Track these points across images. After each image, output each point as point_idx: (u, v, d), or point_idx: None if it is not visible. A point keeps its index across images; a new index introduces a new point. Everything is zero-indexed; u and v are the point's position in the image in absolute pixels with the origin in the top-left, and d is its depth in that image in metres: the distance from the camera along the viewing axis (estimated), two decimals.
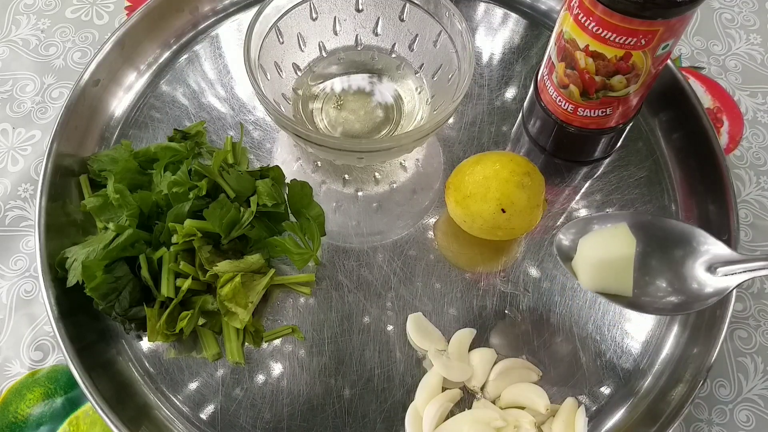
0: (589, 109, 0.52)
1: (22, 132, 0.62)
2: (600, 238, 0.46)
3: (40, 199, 0.53)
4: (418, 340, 0.51)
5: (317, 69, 0.61)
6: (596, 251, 0.46)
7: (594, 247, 0.46)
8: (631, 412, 0.51)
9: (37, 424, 0.51)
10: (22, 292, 0.56)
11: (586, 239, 0.47)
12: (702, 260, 0.47)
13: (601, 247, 0.46)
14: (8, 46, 0.67)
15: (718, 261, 0.46)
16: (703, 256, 0.47)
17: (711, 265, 0.46)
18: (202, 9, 0.66)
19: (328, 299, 0.54)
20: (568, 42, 0.49)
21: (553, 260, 0.56)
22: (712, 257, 0.46)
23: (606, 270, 0.46)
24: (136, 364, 0.52)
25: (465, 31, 0.54)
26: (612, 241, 0.46)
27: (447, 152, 0.60)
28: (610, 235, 0.46)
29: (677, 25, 0.45)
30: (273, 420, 0.50)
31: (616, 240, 0.46)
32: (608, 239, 0.46)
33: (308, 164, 0.60)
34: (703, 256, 0.47)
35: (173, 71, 0.63)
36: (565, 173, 0.59)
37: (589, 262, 0.46)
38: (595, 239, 0.47)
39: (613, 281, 0.46)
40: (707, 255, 0.47)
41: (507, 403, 0.50)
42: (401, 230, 0.57)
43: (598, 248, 0.46)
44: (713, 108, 0.66)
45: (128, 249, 0.51)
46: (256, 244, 0.54)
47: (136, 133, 0.60)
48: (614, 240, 0.46)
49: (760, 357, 0.55)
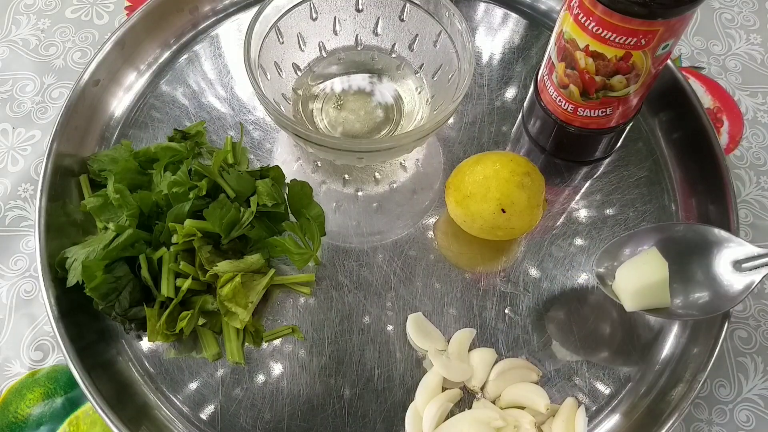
0: (589, 109, 0.52)
1: (22, 132, 0.62)
2: (635, 267, 0.50)
3: (40, 199, 0.53)
4: (418, 340, 0.51)
5: (317, 69, 0.61)
6: (634, 280, 0.49)
7: (631, 277, 0.49)
8: (631, 412, 0.51)
9: (37, 424, 0.51)
10: (22, 292, 0.56)
11: (623, 269, 0.50)
12: (727, 259, 0.49)
13: (637, 275, 0.49)
14: (8, 46, 0.67)
15: (742, 258, 0.49)
16: (728, 256, 0.50)
17: (736, 262, 0.49)
18: (202, 9, 0.66)
19: (328, 299, 0.54)
20: (568, 42, 0.49)
21: (553, 260, 0.56)
22: (736, 255, 0.49)
23: (645, 294, 0.49)
24: (136, 364, 0.52)
25: (465, 31, 0.54)
26: (646, 268, 0.49)
27: (447, 152, 0.60)
28: (643, 263, 0.50)
29: (677, 25, 0.45)
30: (273, 420, 0.50)
31: (649, 267, 0.49)
32: (642, 266, 0.49)
33: (308, 164, 0.60)
34: (728, 256, 0.49)
35: (173, 71, 0.63)
36: (565, 173, 0.59)
37: (629, 290, 0.49)
38: (630, 268, 0.50)
39: (653, 300, 0.49)
40: (731, 254, 0.49)
41: (507, 403, 0.50)
42: (401, 230, 0.57)
43: (635, 277, 0.49)
44: (713, 108, 0.66)
45: (128, 249, 0.51)
46: (256, 244, 0.54)
47: (136, 133, 0.60)
48: (648, 267, 0.49)
49: (760, 357, 0.55)
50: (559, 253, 0.56)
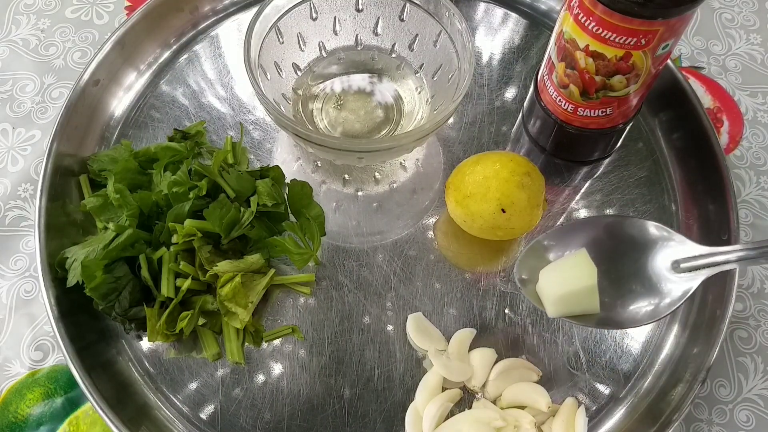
0: (589, 109, 0.52)
1: (22, 132, 0.62)
2: (560, 271, 0.45)
3: (40, 199, 0.53)
4: (418, 340, 0.51)
5: (317, 69, 0.61)
6: (559, 285, 0.44)
7: (556, 281, 0.44)
8: (631, 412, 0.51)
9: (37, 424, 0.51)
10: (22, 292, 0.56)
11: (546, 271, 0.46)
12: (666, 258, 0.45)
13: (563, 281, 0.44)
14: (8, 46, 0.67)
15: (682, 257, 0.44)
16: (666, 254, 0.45)
17: (675, 261, 0.44)
18: (202, 9, 0.66)
19: (328, 299, 0.54)
20: (568, 42, 0.49)
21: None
22: (676, 254, 0.45)
23: (571, 301, 0.45)
24: (136, 364, 0.52)
25: (465, 31, 0.54)
26: (573, 272, 0.44)
27: (447, 152, 0.60)
28: (570, 266, 0.45)
29: (677, 25, 0.45)
30: (273, 420, 0.50)
31: (576, 270, 0.44)
32: (569, 271, 0.45)
33: (308, 164, 0.60)
34: (667, 255, 0.45)
35: (173, 71, 0.63)
36: (565, 173, 0.59)
37: (552, 296, 0.44)
38: (555, 271, 0.45)
39: (579, 308, 0.45)
40: (671, 253, 0.45)
41: (508, 403, 0.50)
42: (401, 230, 0.57)
43: (560, 282, 0.44)
44: (713, 108, 0.66)
45: (128, 249, 0.51)
46: (256, 244, 0.54)
47: (136, 133, 0.60)
48: (575, 271, 0.44)
49: (760, 357, 0.55)
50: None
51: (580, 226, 0.47)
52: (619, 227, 0.46)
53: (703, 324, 0.53)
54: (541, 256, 0.47)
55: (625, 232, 0.46)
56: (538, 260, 0.47)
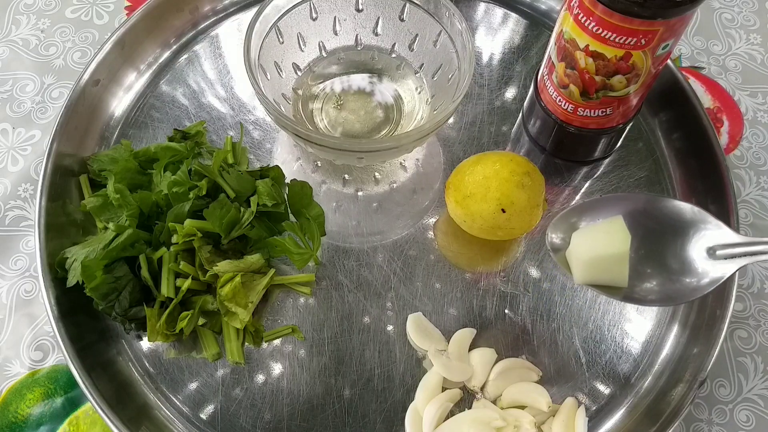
0: (589, 109, 0.52)
1: (22, 132, 0.62)
2: (594, 234, 0.44)
3: (40, 199, 0.53)
4: (418, 340, 0.51)
5: (317, 69, 0.61)
6: (589, 248, 0.43)
7: (587, 244, 0.44)
8: (631, 412, 0.51)
9: (37, 424, 0.51)
10: (22, 292, 0.56)
11: (579, 234, 0.45)
12: (701, 243, 0.44)
13: (594, 244, 0.43)
14: (8, 46, 0.67)
15: (717, 244, 0.43)
16: (702, 240, 0.44)
17: (710, 247, 0.44)
18: (202, 9, 0.66)
19: (328, 299, 0.54)
20: (568, 42, 0.49)
21: (553, 260, 0.55)
22: (711, 239, 0.44)
23: (600, 266, 0.44)
24: (136, 364, 0.52)
25: (465, 31, 0.54)
26: (606, 237, 0.44)
27: (447, 152, 0.60)
28: (604, 231, 0.44)
29: (677, 25, 0.45)
30: (273, 420, 0.50)
31: (610, 236, 0.44)
32: (602, 235, 0.44)
33: (308, 164, 0.60)
34: (703, 240, 0.44)
35: (173, 71, 0.63)
36: (565, 173, 0.59)
37: (582, 259, 0.44)
38: (588, 234, 0.44)
39: (608, 276, 0.44)
40: (707, 238, 0.44)
41: (508, 403, 0.50)
42: (401, 230, 0.57)
43: (591, 245, 0.43)
44: (713, 108, 0.66)
45: (128, 249, 0.51)
46: (256, 244, 0.54)
47: (136, 133, 0.60)
48: (609, 236, 0.44)
49: (760, 357, 0.55)
50: None
51: (618, 199, 0.46)
52: (657, 205, 0.45)
53: (703, 324, 0.52)
54: (575, 222, 0.46)
55: (662, 211, 0.45)
56: (572, 226, 0.45)
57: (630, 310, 0.54)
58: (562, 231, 0.46)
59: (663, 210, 0.45)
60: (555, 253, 0.45)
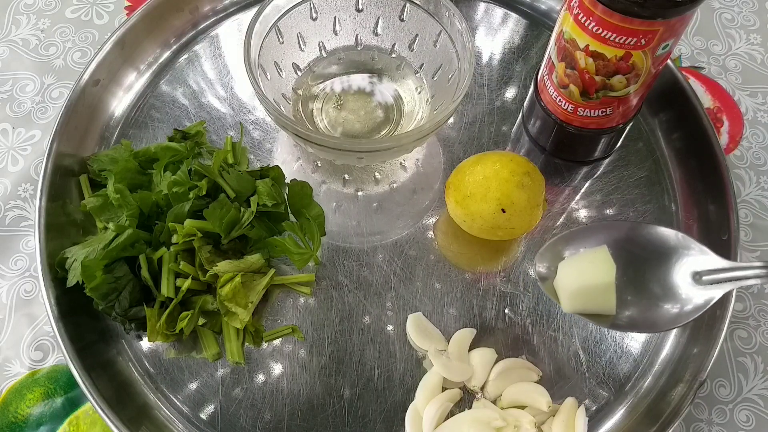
0: (589, 109, 0.52)
1: (22, 132, 0.62)
2: (579, 264, 0.45)
3: (40, 199, 0.53)
4: (418, 340, 0.51)
5: (317, 69, 0.61)
6: (576, 279, 0.44)
7: (573, 275, 0.45)
8: (631, 412, 0.51)
9: (37, 424, 0.51)
10: (22, 292, 0.56)
11: (565, 264, 0.46)
12: (686, 269, 0.45)
13: (580, 275, 0.44)
14: (8, 46, 0.67)
15: (703, 269, 0.44)
16: (687, 265, 0.45)
17: (696, 272, 0.45)
18: (202, 9, 0.66)
19: (328, 299, 0.54)
20: (568, 42, 0.49)
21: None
22: (696, 265, 0.45)
23: (587, 296, 0.45)
24: (136, 364, 0.52)
25: (465, 31, 0.54)
26: (592, 267, 0.44)
27: (447, 152, 0.60)
28: (589, 261, 0.45)
29: (677, 25, 0.45)
30: (273, 420, 0.50)
31: (595, 266, 0.44)
32: (587, 265, 0.45)
33: (308, 164, 0.60)
34: (688, 265, 0.45)
35: (173, 71, 0.63)
36: (565, 173, 0.59)
37: (569, 289, 0.45)
38: (574, 265, 0.45)
39: (595, 305, 0.45)
40: (692, 263, 0.45)
41: (509, 403, 0.50)
42: (401, 230, 0.57)
43: (577, 275, 0.44)
44: (713, 108, 0.66)
45: (128, 249, 0.51)
46: (256, 244, 0.54)
47: (136, 133, 0.60)
48: (594, 266, 0.44)
49: (760, 357, 0.55)
50: None
51: (602, 228, 0.47)
52: (641, 232, 0.46)
53: (703, 324, 0.52)
54: (561, 251, 0.47)
55: (646, 238, 0.46)
56: (558, 255, 0.47)
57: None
58: (548, 260, 0.47)
59: (647, 237, 0.46)
60: (542, 282, 0.47)
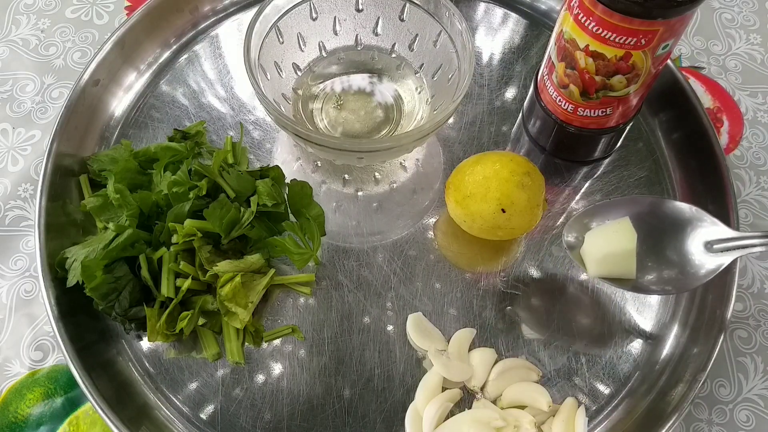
0: (589, 109, 0.52)
1: (22, 132, 0.62)
2: (605, 233, 0.50)
3: (40, 199, 0.53)
4: (418, 340, 0.51)
5: (317, 69, 0.61)
6: (601, 246, 0.50)
7: (599, 243, 0.50)
8: (631, 412, 0.51)
9: (37, 424, 0.51)
10: (22, 292, 0.56)
11: (592, 234, 0.51)
12: (699, 239, 0.50)
13: (605, 242, 0.50)
14: (8, 46, 0.67)
15: (714, 239, 0.49)
16: (700, 235, 0.50)
17: (708, 242, 0.49)
18: (202, 9, 0.66)
19: (328, 299, 0.54)
20: (568, 42, 0.49)
21: (553, 260, 0.56)
22: (708, 235, 0.49)
23: (611, 262, 0.49)
24: (136, 364, 0.52)
25: (465, 31, 0.54)
26: (616, 236, 0.50)
27: (447, 152, 0.60)
28: (613, 231, 0.50)
29: (677, 25, 0.45)
30: (273, 420, 0.50)
31: (619, 235, 0.50)
32: (612, 234, 0.50)
33: (308, 164, 0.60)
34: (701, 235, 0.50)
35: (173, 71, 0.63)
36: (565, 173, 0.59)
37: (595, 256, 0.50)
38: (599, 234, 0.50)
39: (618, 269, 0.50)
40: (704, 233, 0.50)
41: (509, 403, 0.50)
42: (401, 230, 0.57)
43: (603, 243, 0.50)
44: (713, 108, 0.66)
45: (128, 249, 0.51)
46: (256, 244, 0.54)
47: (136, 133, 0.60)
48: (618, 235, 0.50)
49: (760, 357, 0.55)
50: (559, 253, 0.56)
51: (625, 202, 0.52)
52: (659, 206, 0.51)
53: (703, 324, 0.53)
54: (587, 223, 0.52)
55: (664, 211, 0.51)
56: (585, 226, 0.52)
57: (630, 310, 0.54)
58: (576, 231, 0.52)
59: (665, 210, 0.51)
60: (570, 251, 0.51)
